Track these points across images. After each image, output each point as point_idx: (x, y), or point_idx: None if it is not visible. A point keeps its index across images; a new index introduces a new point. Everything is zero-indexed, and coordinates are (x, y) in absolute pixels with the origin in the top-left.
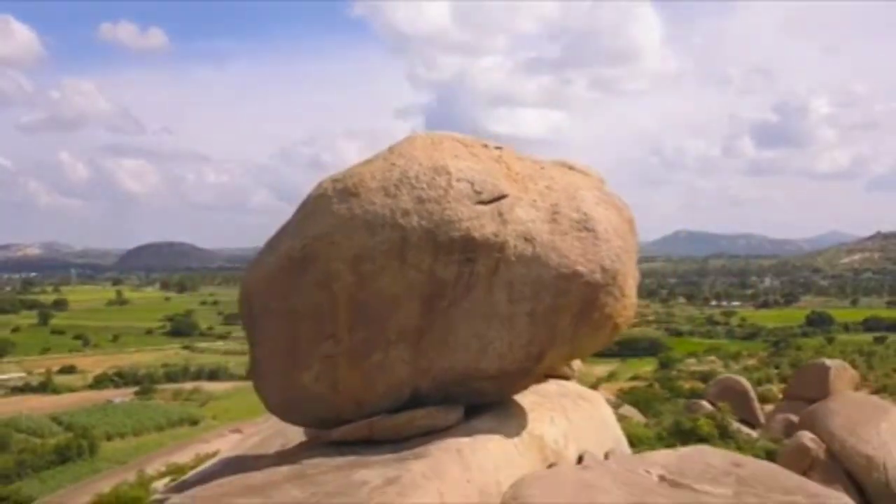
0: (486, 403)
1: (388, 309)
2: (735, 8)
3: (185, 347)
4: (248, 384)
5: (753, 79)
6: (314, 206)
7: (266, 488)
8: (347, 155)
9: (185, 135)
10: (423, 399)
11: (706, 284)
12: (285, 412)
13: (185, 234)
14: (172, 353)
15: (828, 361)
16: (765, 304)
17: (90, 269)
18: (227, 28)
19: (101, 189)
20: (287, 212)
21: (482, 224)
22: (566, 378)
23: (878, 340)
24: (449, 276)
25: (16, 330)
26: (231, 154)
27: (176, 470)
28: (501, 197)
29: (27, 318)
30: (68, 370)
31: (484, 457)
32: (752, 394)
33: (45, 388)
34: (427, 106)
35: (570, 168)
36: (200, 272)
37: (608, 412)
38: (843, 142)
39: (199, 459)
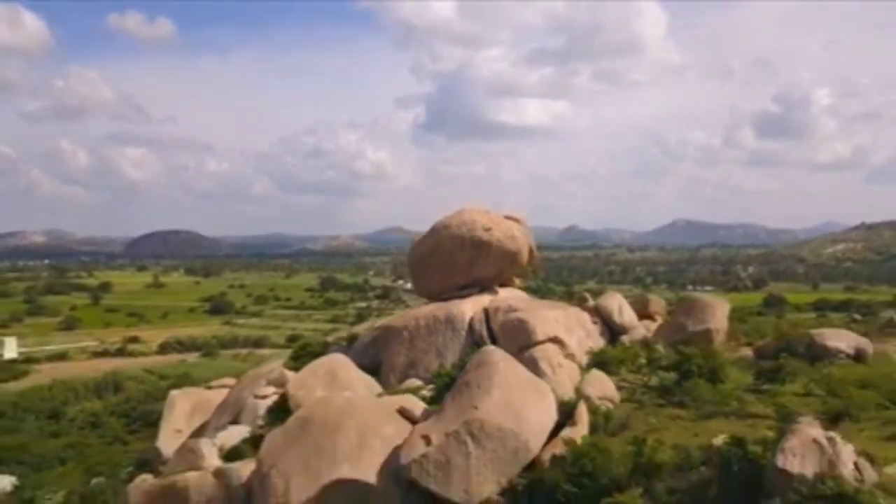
0: (485, 287)
1: (458, 262)
2: (739, 2)
3: (226, 323)
4: (291, 350)
5: (756, 71)
6: (436, 231)
7: (422, 307)
8: (348, 146)
9: (188, 123)
10: (467, 286)
11: (693, 272)
12: (424, 294)
13: (187, 222)
14: (216, 327)
15: (651, 295)
16: (735, 289)
17: (102, 257)
18: (231, 17)
19: (103, 177)
20: (290, 201)
21: (485, 236)
22: (512, 286)
23: (820, 318)
24: (476, 253)
25: (73, 308)
26: (234, 143)
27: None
28: (490, 228)
29: (79, 299)
30: (133, 340)
31: (485, 298)
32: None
33: (121, 352)
34: (429, 96)
35: (509, 217)
36: (210, 260)
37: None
38: (842, 133)
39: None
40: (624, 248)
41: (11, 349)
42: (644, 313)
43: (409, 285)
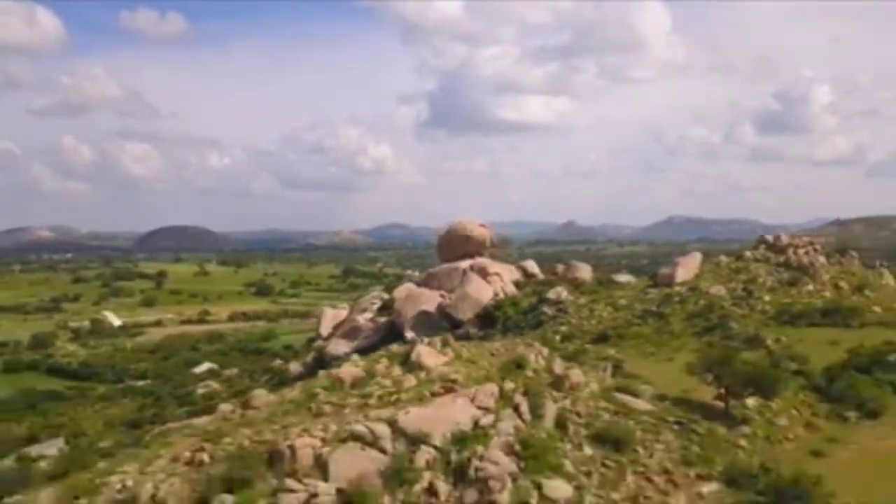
0: (470, 256)
1: (458, 245)
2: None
3: (272, 302)
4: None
5: (756, 67)
6: (449, 231)
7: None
8: (349, 142)
9: (190, 119)
10: (462, 256)
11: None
12: (443, 260)
13: (188, 218)
14: (265, 305)
15: (558, 264)
16: None
17: (117, 251)
18: (233, 11)
19: (105, 173)
20: (291, 197)
21: (470, 233)
22: (481, 257)
23: None
24: (466, 242)
25: (143, 292)
26: (237, 139)
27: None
28: (473, 230)
29: (143, 285)
30: (205, 313)
31: (470, 261)
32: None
33: (201, 321)
34: (432, 93)
35: (479, 224)
36: (240, 254)
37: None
38: (841, 130)
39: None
40: (615, 244)
41: (116, 319)
42: (555, 272)
43: (416, 274)
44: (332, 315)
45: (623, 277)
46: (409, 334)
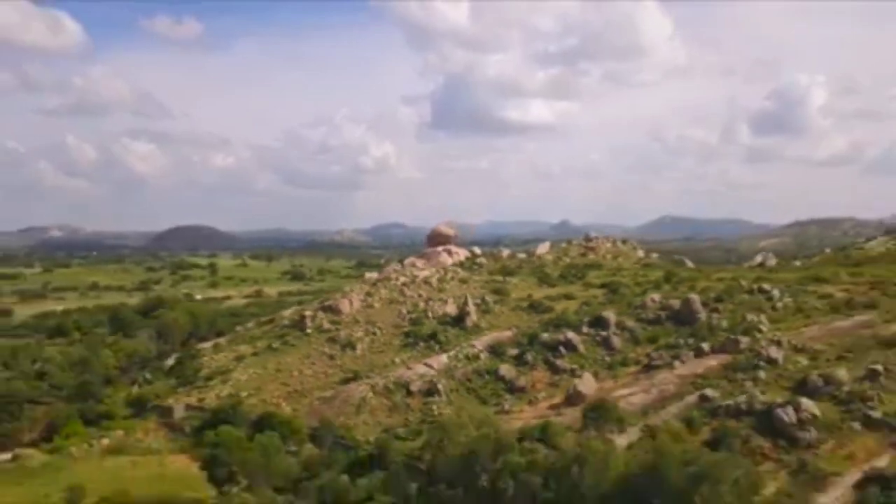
0: (443, 244)
1: (438, 239)
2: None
3: (306, 285)
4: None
5: (756, 70)
6: (434, 230)
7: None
8: (352, 142)
9: (195, 118)
10: (438, 244)
11: None
12: (430, 246)
13: (190, 217)
14: (302, 286)
15: (494, 251)
16: None
17: (136, 250)
18: (237, 9)
19: (108, 172)
20: (293, 196)
21: (442, 232)
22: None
23: None
24: (441, 236)
25: (203, 278)
26: (241, 138)
27: None
28: (444, 230)
29: (199, 272)
30: (259, 291)
31: (443, 247)
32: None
33: (258, 296)
34: (435, 94)
35: (447, 223)
36: (268, 249)
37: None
38: (836, 130)
39: None
40: None
41: (197, 295)
42: (492, 253)
43: None
44: (371, 277)
45: (521, 254)
46: None
